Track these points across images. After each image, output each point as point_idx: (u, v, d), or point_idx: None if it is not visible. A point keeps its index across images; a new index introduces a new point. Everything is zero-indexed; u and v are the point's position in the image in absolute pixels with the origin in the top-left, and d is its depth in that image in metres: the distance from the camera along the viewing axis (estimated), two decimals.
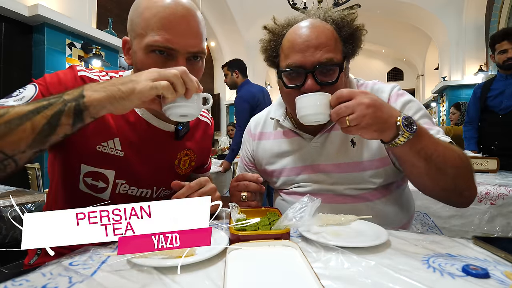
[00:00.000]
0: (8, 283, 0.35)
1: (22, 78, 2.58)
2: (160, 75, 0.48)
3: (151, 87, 0.46)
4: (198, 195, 0.64)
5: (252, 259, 0.42)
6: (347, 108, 0.52)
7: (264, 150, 0.85)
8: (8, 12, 2.43)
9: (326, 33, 0.66)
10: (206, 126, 0.87)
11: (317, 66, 0.65)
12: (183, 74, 0.49)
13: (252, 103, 2.53)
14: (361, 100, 0.51)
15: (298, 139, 0.79)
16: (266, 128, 0.87)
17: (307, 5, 4.35)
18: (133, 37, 0.62)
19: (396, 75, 10.13)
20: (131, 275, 0.38)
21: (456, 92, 4.99)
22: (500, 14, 4.12)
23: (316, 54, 0.65)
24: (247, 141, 0.91)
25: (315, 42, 0.65)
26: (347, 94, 0.53)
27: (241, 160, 0.95)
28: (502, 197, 1.07)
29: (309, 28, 0.67)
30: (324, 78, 0.66)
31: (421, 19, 5.83)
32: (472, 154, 1.75)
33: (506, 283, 0.34)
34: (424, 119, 0.70)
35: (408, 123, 0.52)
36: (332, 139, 0.75)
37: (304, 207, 0.52)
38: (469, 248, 0.46)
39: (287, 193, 0.82)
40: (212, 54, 7.17)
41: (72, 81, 0.61)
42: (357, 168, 0.73)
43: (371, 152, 0.72)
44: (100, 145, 0.64)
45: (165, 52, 0.59)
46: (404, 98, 0.72)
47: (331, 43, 0.66)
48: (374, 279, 0.36)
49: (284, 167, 0.81)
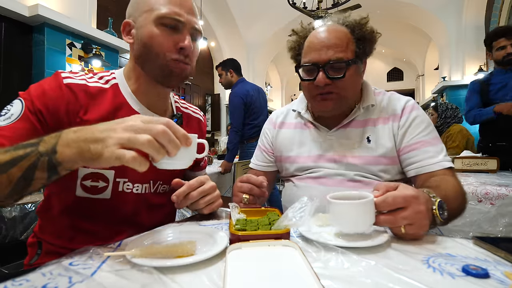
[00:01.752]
0: (8, 283, 0.34)
1: (22, 78, 2.58)
2: (130, 141, 0.40)
3: (116, 157, 0.40)
4: (198, 194, 0.65)
5: (252, 259, 0.42)
6: (404, 220, 0.48)
7: (284, 137, 0.95)
8: (8, 12, 2.42)
9: (340, 35, 0.76)
10: (199, 122, 0.89)
11: (328, 63, 0.75)
12: (161, 135, 0.42)
13: (246, 100, 2.52)
14: (419, 208, 0.48)
15: (315, 130, 0.89)
16: (287, 119, 0.98)
17: (306, 5, 4.35)
18: (138, 15, 0.65)
19: (396, 75, 10.12)
20: (131, 275, 0.38)
21: (456, 92, 4.99)
22: (500, 14, 4.12)
23: (329, 52, 0.75)
24: (268, 129, 1.01)
25: (328, 43, 0.76)
26: (400, 201, 0.48)
27: (258, 148, 1.03)
28: (502, 197, 1.07)
29: (325, 31, 0.78)
30: (334, 73, 0.75)
31: (421, 19, 5.83)
32: (472, 154, 1.74)
33: (506, 283, 0.34)
34: (433, 133, 0.78)
35: (443, 210, 0.54)
36: (348, 134, 0.84)
37: (304, 207, 0.52)
38: (469, 248, 0.46)
39: (300, 179, 0.88)
40: (212, 54, 7.16)
41: (57, 90, 0.61)
42: (368, 161, 0.80)
43: (384, 150, 0.79)
44: None
45: (173, 25, 0.63)
46: (416, 113, 0.80)
47: (343, 44, 0.76)
48: (374, 279, 0.36)
49: (300, 154, 0.89)
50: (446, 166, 0.73)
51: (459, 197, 0.67)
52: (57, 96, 0.60)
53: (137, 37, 0.65)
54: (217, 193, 0.70)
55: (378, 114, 0.83)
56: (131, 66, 0.71)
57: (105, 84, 0.68)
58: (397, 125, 0.80)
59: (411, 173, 0.77)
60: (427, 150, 0.75)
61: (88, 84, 0.65)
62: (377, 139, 0.80)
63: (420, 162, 0.75)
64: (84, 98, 0.63)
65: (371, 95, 0.84)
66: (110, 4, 4.14)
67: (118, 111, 0.67)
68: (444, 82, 5.10)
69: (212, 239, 0.50)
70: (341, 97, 0.78)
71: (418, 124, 0.78)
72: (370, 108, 0.84)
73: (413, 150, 0.77)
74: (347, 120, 0.83)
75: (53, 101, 0.60)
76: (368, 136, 0.81)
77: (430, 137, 0.77)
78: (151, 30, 0.63)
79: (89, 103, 0.64)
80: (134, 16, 0.66)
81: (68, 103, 0.61)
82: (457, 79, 5.01)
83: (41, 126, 0.59)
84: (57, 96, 0.60)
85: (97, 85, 0.67)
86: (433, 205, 0.53)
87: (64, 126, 0.60)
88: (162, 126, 0.42)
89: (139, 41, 0.65)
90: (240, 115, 2.53)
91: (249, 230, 0.52)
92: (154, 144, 0.41)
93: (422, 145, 0.76)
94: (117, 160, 0.40)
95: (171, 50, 0.64)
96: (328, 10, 4.23)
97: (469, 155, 1.67)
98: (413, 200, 0.48)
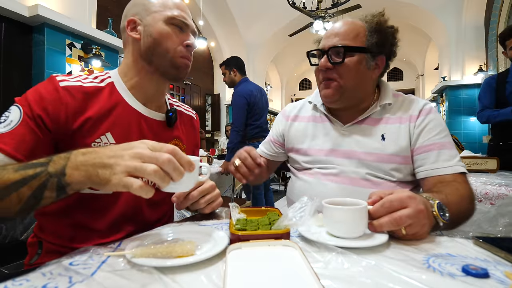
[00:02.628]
0: (8, 283, 0.34)
1: (22, 78, 2.58)
2: (137, 171, 0.42)
3: (124, 185, 0.41)
4: (198, 193, 0.66)
5: (252, 259, 0.42)
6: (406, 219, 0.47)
7: (297, 130, 0.95)
8: (8, 12, 2.42)
9: (352, 26, 0.79)
10: (191, 119, 0.91)
11: (331, 47, 0.78)
12: (166, 163, 0.43)
13: (249, 100, 2.52)
14: (418, 207, 0.48)
15: (329, 124, 0.89)
16: (302, 112, 0.98)
17: (306, 4, 4.35)
18: (146, 15, 0.71)
19: (396, 75, 10.12)
20: (131, 275, 0.38)
21: (456, 92, 4.98)
22: (500, 14, 4.12)
23: (334, 39, 0.79)
24: (280, 121, 1.01)
25: (337, 31, 0.80)
26: (397, 204, 0.49)
27: (268, 138, 1.04)
28: (502, 197, 1.07)
29: (339, 23, 0.82)
30: (335, 58, 0.78)
31: (421, 19, 5.83)
32: (472, 154, 1.74)
33: (506, 283, 0.34)
34: (448, 137, 0.78)
35: (443, 211, 0.54)
36: (363, 130, 0.84)
37: (304, 207, 0.52)
38: (469, 248, 0.46)
39: (311, 174, 0.88)
40: (212, 54, 7.16)
41: (54, 93, 0.61)
42: (380, 159, 0.79)
43: (398, 148, 0.79)
44: (94, 142, 0.65)
45: (180, 26, 0.71)
46: (434, 115, 0.80)
47: (352, 33, 0.78)
48: (374, 279, 0.36)
49: (312, 147, 0.89)
50: (459, 171, 0.72)
51: (463, 201, 0.65)
52: (55, 99, 0.61)
53: (145, 33, 0.70)
54: (217, 192, 0.71)
55: (395, 113, 0.83)
56: (129, 61, 0.73)
57: (101, 83, 0.70)
58: (414, 125, 0.80)
59: (421, 175, 0.76)
60: (441, 153, 0.75)
61: (83, 84, 0.66)
62: (392, 138, 0.80)
63: (432, 164, 0.75)
64: (81, 98, 0.64)
65: (389, 94, 0.84)
66: (110, 4, 4.13)
67: (115, 108, 0.68)
68: (444, 82, 5.10)
69: (212, 239, 0.50)
70: (341, 86, 0.79)
71: (434, 127, 0.78)
72: (387, 106, 0.83)
73: (427, 151, 0.76)
74: (362, 116, 0.83)
75: (52, 105, 0.60)
76: (383, 134, 0.81)
77: (445, 140, 0.77)
78: (162, 28, 0.69)
79: (87, 103, 0.65)
80: (141, 15, 0.71)
81: (66, 105, 0.62)
82: (457, 79, 5.01)
83: (40, 131, 0.59)
84: (55, 99, 0.61)
85: (93, 84, 0.68)
86: (432, 207, 0.53)
87: (64, 129, 0.61)
88: (167, 155, 0.43)
89: (148, 37, 0.69)
90: (243, 115, 2.52)
91: (249, 230, 0.52)
92: (160, 173, 0.42)
93: (437, 147, 0.75)
94: (124, 187, 0.42)
95: (179, 45, 0.71)
96: (328, 10, 4.24)
97: (469, 155, 1.67)
98: (410, 200, 0.49)
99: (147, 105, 0.74)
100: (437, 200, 0.54)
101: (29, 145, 0.57)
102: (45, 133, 0.60)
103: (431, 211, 0.52)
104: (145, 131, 0.72)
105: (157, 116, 0.76)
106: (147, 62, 0.71)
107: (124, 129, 0.69)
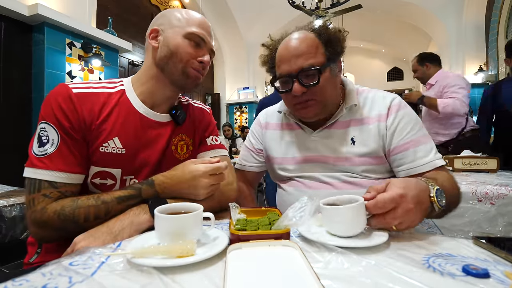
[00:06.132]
0: (8, 283, 0.34)
1: (22, 78, 2.58)
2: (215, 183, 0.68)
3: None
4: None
5: (252, 259, 0.42)
6: (395, 220, 0.49)
7: (270, 138, 0.95)
8: (7, 11, 2.42)
9: (307, 42, 0.76)
10: (202, 110, 0.91)
11: (300, 71, 0.75)
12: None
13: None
14: (407, 207, 0.49)
15: (300, 131, 0.89)
16: (273, 120, 0.98)
17: (305, 5, 4.35)
18: (169, 27, 0.74)
19: (396, 74, 10.12)
20: (131, 275, 0.38)
21: None
22: (500, 14, 4.12)
23: (298, 61, 0.75)
24: (255, 130, 1.02)
25: (297, 52, 0.75)
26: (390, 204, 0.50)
27: (247, 151, 1.02)
28: (502, 197, 1.07)
29: (292, 40, 0.78)
30: (308, 81, 0.75)
31: (421, 19, 5.82)
32: (471, 154, 1.74)
33: (506, 283, 0.34)
34: (422, 131, 0.78)
35: (441, 197, 0.55)
36: (332, 134, 0.84)
37: (304, 206, 0.52)
38: (469, 248, 0.46)
39: (289, 184, 0.89)
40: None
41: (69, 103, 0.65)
42: (352, 162, 0.80)
43: (369, 150, 0.79)
44: (102, 146, 0.67)
45: (197, 42, 0.74)
46: (403, 111, 0.80)
47: (311, 50, 0.75)
48: (374, 279, 0.36)
49: (286, 156, 0.90)
50: (438, 165, 0.73)
51: (454, 188, 0.68)
52: (71, 108, 0.64)
53: (164, 43, 0.73)
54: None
55: (363, 114, 0.82)
56: (145, 66, 0.77)
57: (112, 89, 0.73)
58: (384, 125, 0.79)
59: (402, 174, 0.77)
60: (417, 150, 0.75)
61: (94, 90, 0.70)
62: (361, 140, 0.80)
63: (410, 163, 0.75)
64: (91, 105, 0.67)
65: (353, 95, 0.83)
66: (110, 3, 4.13)
67: (122, 114, 0.71)
68: None
69: (212, 239, 0.50)
70: (320, 102, 0.78)
71: (406, 124, 0.77)
72: (354, 108, 0.83)
73: (403, 151, 0.76)
74: (330, 121, 0.83)
75: (71, 114, 0.64)
76: (352, 137, 0.81)
77: (419, 135, 0.77)
78: (180, 41, 0.72)
79: (96, 109, 0.68)
80: (164, 26, 0.75)
81: (81, 113, 0.65)
82: None
83: (71, 141, 0.64)
84: (71, 108, 0.64)
85: (104, 90, 0.71)
86: (430, 193, 0.54)
87: (81, 134, 0.65)
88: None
89: (166, 47, 0.73)
90: None
91: (249, 230, 0.52)
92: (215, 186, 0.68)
93: (412, 145, 0.76)
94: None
95: (193, 59, 0.73)
96: (328, 10, 4.23)
97: (469, 154, 1.67)
98: (401, 200, 0.50)
99: (155, 109, 0.76)
100: (437, 186, 0.56)
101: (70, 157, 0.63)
102: (75, 141, 0.65)
103: (427, 196, 0.54)
104: (151, 132, 0.75)
105: (163, 118, 0.78)
106: (160, 69, 0.74)
107: (131, 134, 0.71)
